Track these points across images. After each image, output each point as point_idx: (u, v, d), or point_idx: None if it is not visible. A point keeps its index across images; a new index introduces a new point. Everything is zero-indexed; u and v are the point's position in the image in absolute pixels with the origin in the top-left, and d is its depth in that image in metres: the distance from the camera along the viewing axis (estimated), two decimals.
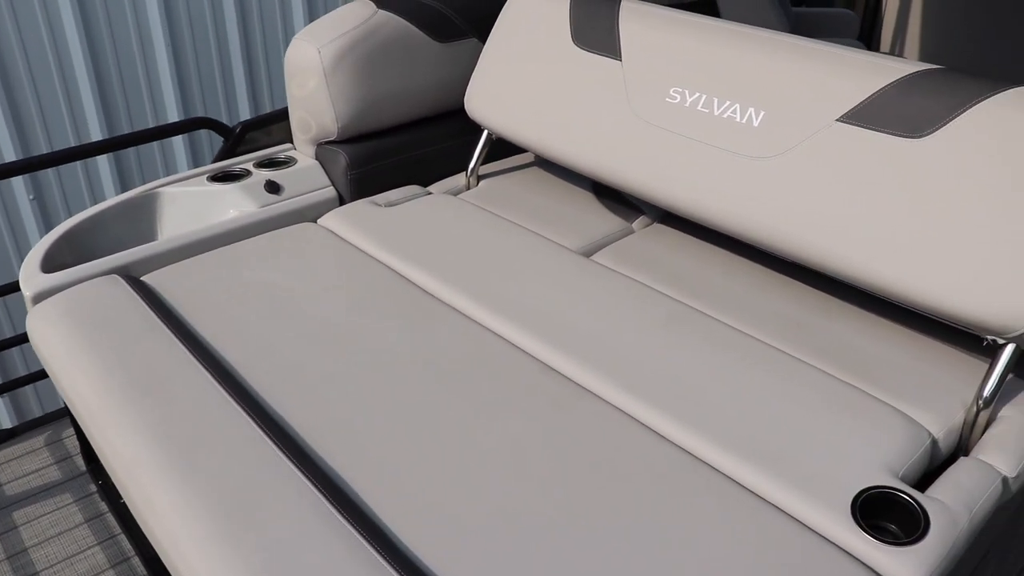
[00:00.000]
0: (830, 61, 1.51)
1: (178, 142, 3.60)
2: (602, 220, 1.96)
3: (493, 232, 1.83)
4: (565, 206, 2.02)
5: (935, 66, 1.43)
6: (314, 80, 1.99)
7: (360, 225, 1.87)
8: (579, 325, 1.51)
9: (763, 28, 1.68)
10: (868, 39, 4.49)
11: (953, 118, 1.34)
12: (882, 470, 1.19)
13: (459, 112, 2.23)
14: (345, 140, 2.08)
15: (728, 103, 1.59)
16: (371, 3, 2.10)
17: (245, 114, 3.73)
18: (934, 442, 1.29)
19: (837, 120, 1.46)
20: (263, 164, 2.09)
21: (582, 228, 1.92)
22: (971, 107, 1.33)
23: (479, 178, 2.15)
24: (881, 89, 1.43)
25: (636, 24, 1.78)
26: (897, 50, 4.31)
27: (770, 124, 1.53)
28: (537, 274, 1.67)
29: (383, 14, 2.06)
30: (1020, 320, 1.24)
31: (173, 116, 3.53)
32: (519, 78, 1.96)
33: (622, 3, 1.84)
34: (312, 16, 3.71)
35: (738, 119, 1.57)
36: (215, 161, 2.14)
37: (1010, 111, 1.30)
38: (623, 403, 1.34)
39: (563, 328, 1.50)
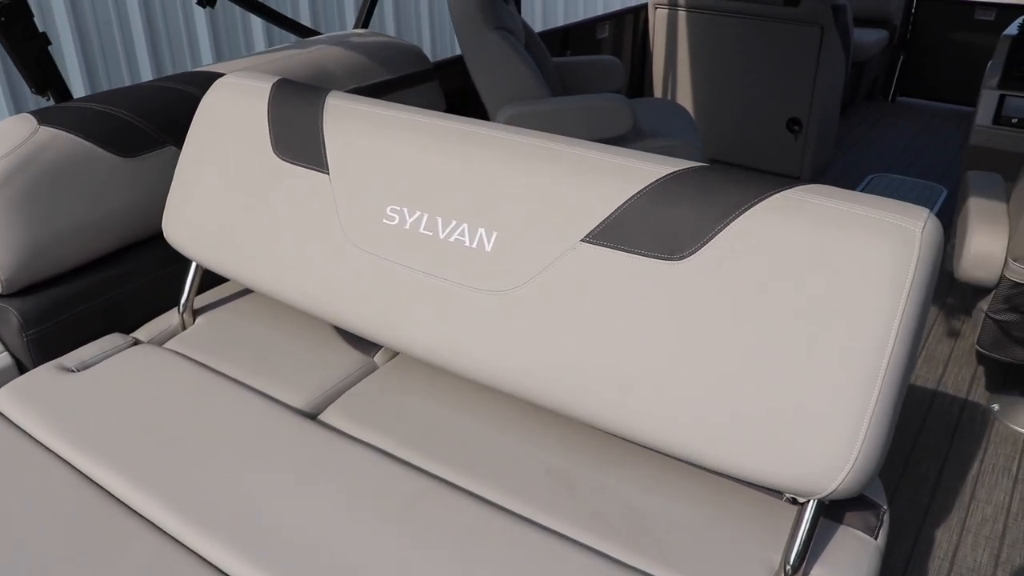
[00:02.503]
0: (569, 164, 1.25)
1: None
2: (338, 357, 1.63)
3: (204, 398, 1.46)
4: (294, 343, 1.68)
5: (691, 164, 1.20)
6: None
7: (39, 403, 1.45)
8: (301, 532, 1.17)
9: (495, 124, 1.41)
10: (639, 86, 4.43)
11: (716, 234, 1.11)
12: None
13: (163, 236, 1.85)
14: (17, 292, 1.65)
15: (454, 223, 1.31)
16: (31, 118, 1.69)
17: None
18: None
19: (582, 241, 1.20)
20: None
21: (314, 372, 1.58)
22: (736, 219, 1.10)
23: (195, 314, 1.77)
24: (631, 199, 1.18)
25: (343, 127, 1.48)
26: (668, 96, 4.28)
27: (505, 249, 1.26)
28: (253, 458, 1.32)
29: (47, 131, 1.66)
30: (820, 483, 1.02)
31: None
32: (216, 196, 1.60)
33: (327, 100, 1.54)
34: (19, 109, 3.19)
35: (467, 243, 1.29)
36: None
37: (781, 220, 1.08)
38: None
39: (282, 542, 1.16)
